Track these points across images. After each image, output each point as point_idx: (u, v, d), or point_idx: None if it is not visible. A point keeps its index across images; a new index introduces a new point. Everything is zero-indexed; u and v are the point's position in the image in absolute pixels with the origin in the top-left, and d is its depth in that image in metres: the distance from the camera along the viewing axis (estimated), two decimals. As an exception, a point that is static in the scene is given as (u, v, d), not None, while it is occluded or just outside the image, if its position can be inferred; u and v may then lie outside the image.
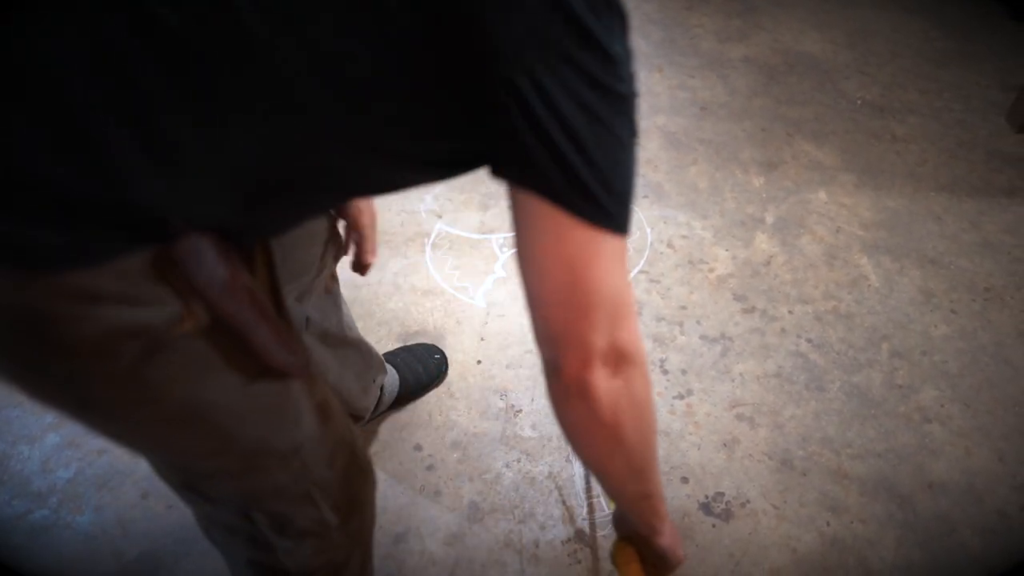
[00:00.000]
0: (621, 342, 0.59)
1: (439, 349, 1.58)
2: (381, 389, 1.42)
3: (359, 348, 1.29)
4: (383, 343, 1.62)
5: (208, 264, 0.52)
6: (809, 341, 1.62)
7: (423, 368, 1.52)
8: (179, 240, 0.51)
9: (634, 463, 0.70)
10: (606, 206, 0.54)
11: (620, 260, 0.58)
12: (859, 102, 2.31)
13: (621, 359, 0.60)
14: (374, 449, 1.45)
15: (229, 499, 0.72)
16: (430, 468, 1.42)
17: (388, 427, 1.48)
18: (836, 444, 1.43)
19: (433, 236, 1.90)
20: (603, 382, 0.60)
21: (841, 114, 2.27)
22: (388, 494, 1.38)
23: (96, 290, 0.49)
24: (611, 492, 0.80)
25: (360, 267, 1.12)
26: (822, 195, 1.98)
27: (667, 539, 0.88)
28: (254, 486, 0.70)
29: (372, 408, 1.40)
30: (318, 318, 1.15)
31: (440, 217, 1.95)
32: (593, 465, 0.73)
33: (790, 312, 1.68)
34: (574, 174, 0.52)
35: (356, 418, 1.40)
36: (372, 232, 1.08)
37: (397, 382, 1.47)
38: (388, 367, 1.46)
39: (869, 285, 1.74)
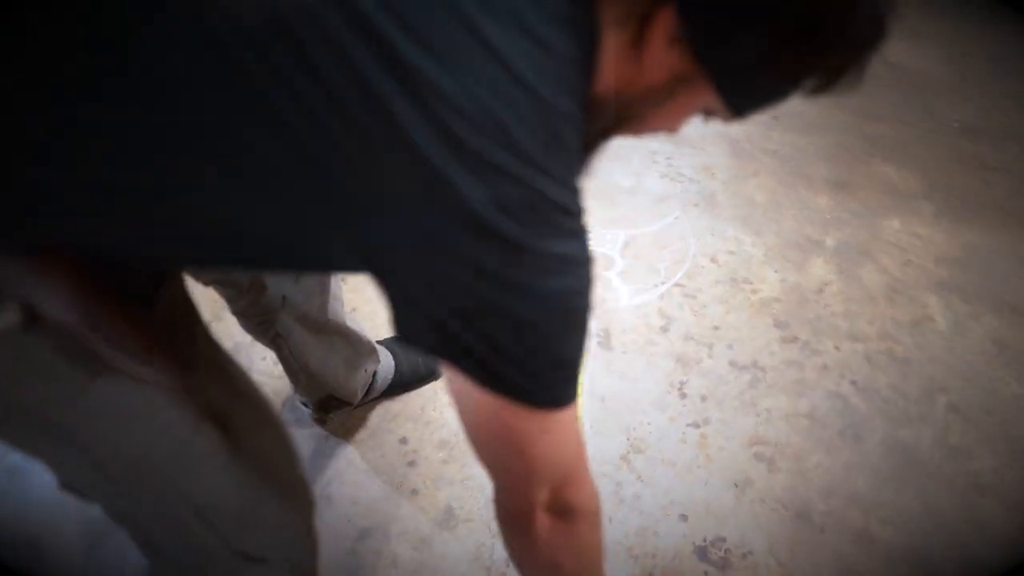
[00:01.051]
0: (566, 498, 0.59)
1: None
2: (374, 375, 1.34)
3: (346, 336, 1.22)
4: (386, 330, 1.54)
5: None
6: (853, 383, 1.44)
7: (421, 360, 1.44)
8: None
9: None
10: (524, 387, 0.51)
11: (562, 430, 0.55)
12: (956, 124, 2.08)
13: (566, 511, 0.59)
14: (358, 436, 1.37)
15: (105, 503, 0.65)
16: (412, 464, 1.33)
17: (377, 415, 1.40)
18: (865, 503, 1.26)
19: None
20: (544, 526, 0.59)
21: (928, 135, 2.04)
22: (363, 485, 1.30)
23: None
24: None
25: None
26: (895, 223, 1.78)
27: None
28: (123, 506, 0.63)
29: (361, 394, 1.33)
30: (299, 300, 1.09)
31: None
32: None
33: (837, 348, 1.50)
34: (476, 357, 0.49)
35: (344, 403, 1.33)
36: None
37: (392, 370, 1.39)
38: (385, 353, 1.39)
39: (934, 328, 1.54)
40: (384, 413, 1.41)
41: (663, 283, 1.64)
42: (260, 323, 1.12)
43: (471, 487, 1.29)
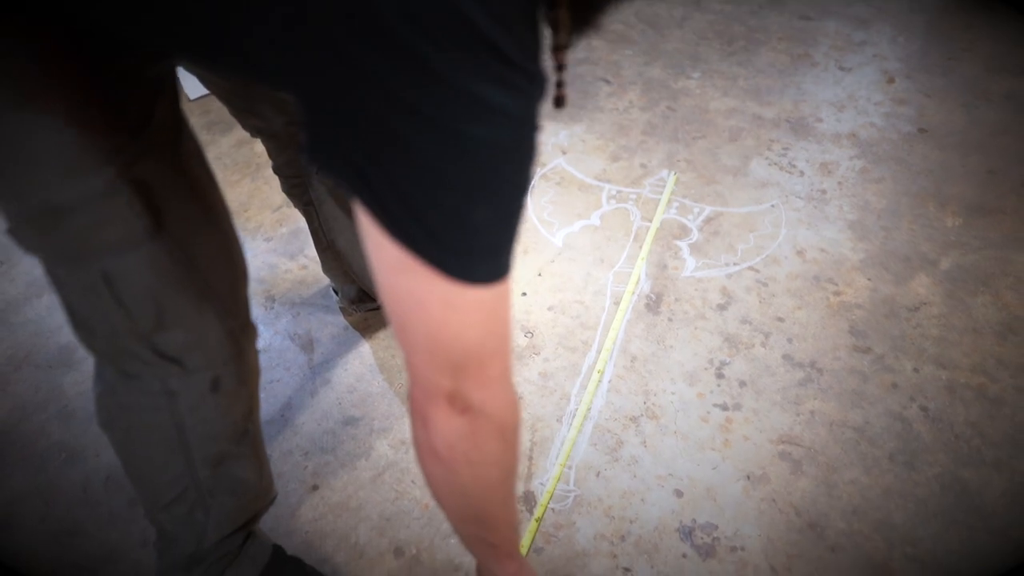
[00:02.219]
0: (466, 392, 0.56)
1: None
2: None
3: None
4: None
5: None
6: (924, 410, 1.24)
7: None
8: None
9: (472, 507, 0.66)
10: (425, 244, 0.47)
11: (470, 311, 0.51)
12: None
13: (468, 406, 0.57)
14: (375, 336, 1.37)
15: (37, 252, 0.66)
16: (417, 371, 1.31)
17: (400, 319, 1.39)
18: (896, 535, 1.08)
19: (548, 167, 1.76)
20: (443, 418, 0.57)
21: (1113, 181, 1.73)
22: (364, 378, 1.29)
23: None
24: (453, 527, 0.72)
25: None
26: (1034, 260, 1.52)
27: None
28: (44, 241, 0.64)
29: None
30: None
31: (564, 154, 1.81)
32: (431, 491, 0.66)
33: (916, 370, 1.31)
34: (381, 199, 0.46)
35: (370, 299, 1.33)
36: None
37: None
38: None
39: (1047, 378, 1.30)
40: (408, 319, 1.39)
41: (736, 264, 1.50)
42: (295, 185, 1.15)
43: (467, 406, 1.25)
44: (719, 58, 2.21)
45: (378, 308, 1.37)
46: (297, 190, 1.16)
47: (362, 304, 1.35)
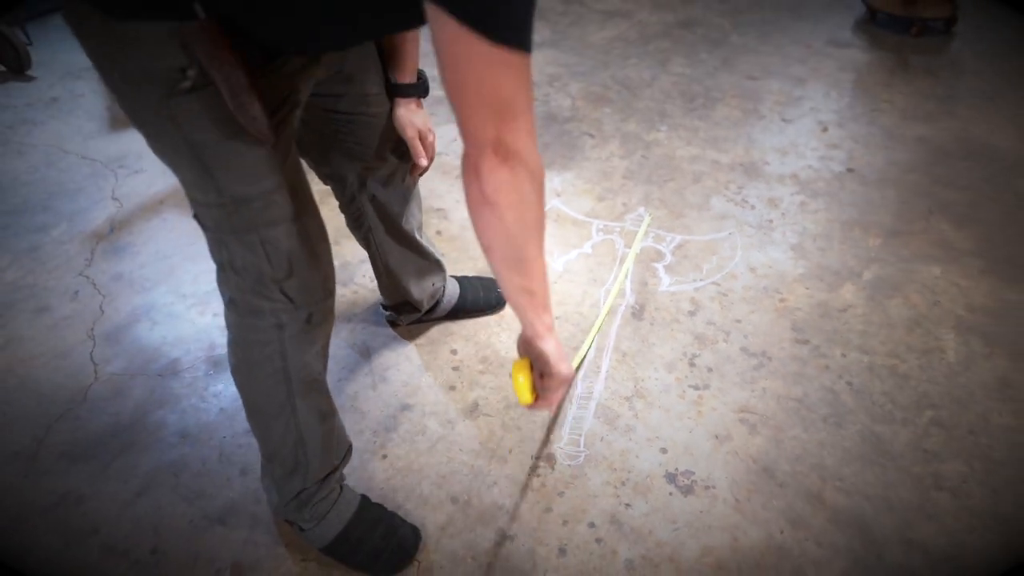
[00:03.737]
0: (507, 139, 0.76)
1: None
2: (441, 295, 1.68)
3: (418, 249, 1.56)
4: (466, 271, 1.89)
5: (208, 43, 0.81)
6: (849, 384, 1.61)
7: (483, 294, 1.77)
8: (198, 22, 0.80)
9: (514, 247, 0.86)
10: (480, 16, 0.69)
11: (507, 70, 0.73)
12: (1029, 201, 2.17)
13: (509, 154, 0.77)
14: (419, 341, 1.71)
15: (211, 228, 0.99)
16: (455, 369, 1.65)
17: (438, 330, 1.74)
18: (827, 473, 1.44)
19: (546, 207, 2.13)
20: (489, 167, 0.78)
21: (1000, 207, 2.15)
22: (414, 375, 1.63)
23: (137, 37, 0.80)
24: (500, 280, 0.93)
25: (413, 169, 1.40)
26: (936, 270, 1.92)
27: (550, 346, 0.98)
28: (222, 221, 0.97)
29: (427, 304, 1.66)
30: (383, 199, 1.43)
31: (559, 196, 2.20)
32: (482, 241, 0.87)
33: (843, 355, 1.68)
34: None
35: (414, 309, 1.67)
36: (417, 143, 1.34)
37: (456, 295, 1.73)
38: (453, 283, 1.73)
39: (943, 358, 1.67)
40: (443, 329, 1.74)
41: (702, 280, 1.88)
42: (356, 218, 1.48)
43: (497, 395, 1.59)
44: (682, 113, 2.63)
45: (422, 319, 1.72)
46: (356, 223, 1.49)
47: (408, 315, 1.69)
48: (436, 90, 1.13)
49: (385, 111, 1.31)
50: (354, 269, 1.92)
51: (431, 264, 1.61)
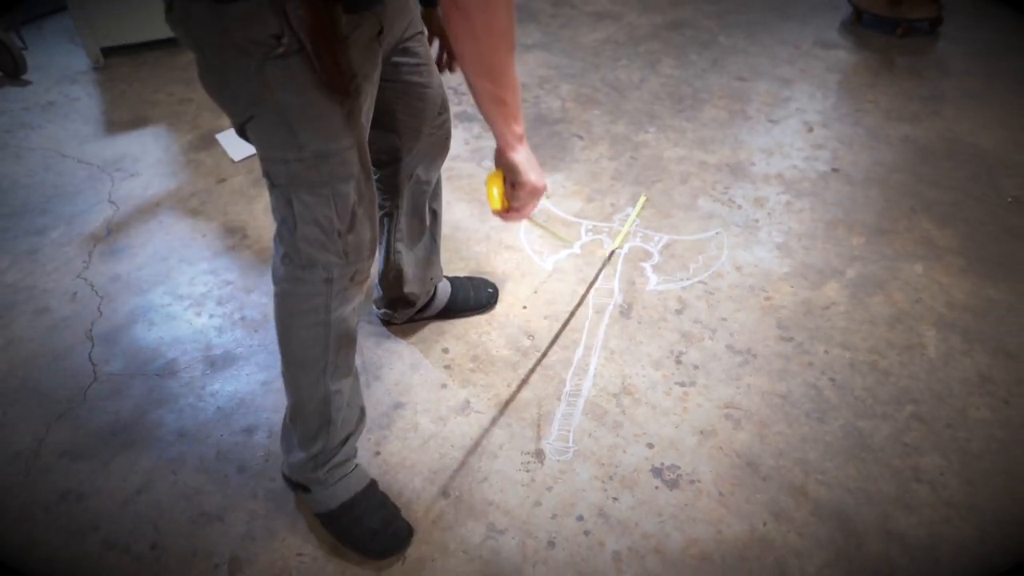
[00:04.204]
0: None
1: (495, 287, 1.85)
2: (435, 290, 1.72)
3: (432, 234, 1.62)
4: (458, 271, 1.93)
5: (301, 9, 0.89)
6: (832, 380, 1.65)
7: (473, 294, 1.80)
8: None
9: (484, 53, 0.97)
10: None
11: None
12: (1010, 199, 2.22)
13: None
14: (411, 340, 1.75)
15: (282, 184, 1.07)
16: (447, 367, 1.69)
17: (430, 329, 1.78)
18: (810, 467, 1.48)
19: (536, 208, 2.18)
20: None
21: (983, 206, 2.19)
22: (406, 373, 1.67)
23: (240, 14, 0.89)
24: (473, 92, 1.03)
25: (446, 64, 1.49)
26: (918, 268, 1.96)
27: (521, 156, 1.09)
28: (299, 175, 1.04)
29: (422, 301, 1.70)
30: (424, 178, 1.49)
31: (549, 197, 2.23)
32: (456, 51, 0.98)
33: (826, 352, 1.72)
34: None
35: (409, 304, 1.70)
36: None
37: (448, 295, 1.77)
38: (445, 283, 1.77)
39: (924, 355, 1.72)
40: (435, 328, 1.78)
41: (689, 279, 1.92)
42: (389, 192, 1.51)
43: (488, 392, 1.63)
44: (671, 115, 2.67)
45: (415, 318, 1.75)
46: (386, 197, 1.52)
47: (403, 312, 1.73)
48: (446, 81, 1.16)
49: (436, 82, 1.38)
50: (348, 270, 1.96)
51: (434, 260, 1.66)
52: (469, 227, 2.11)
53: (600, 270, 1.95)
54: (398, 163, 1.44)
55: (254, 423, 1.56)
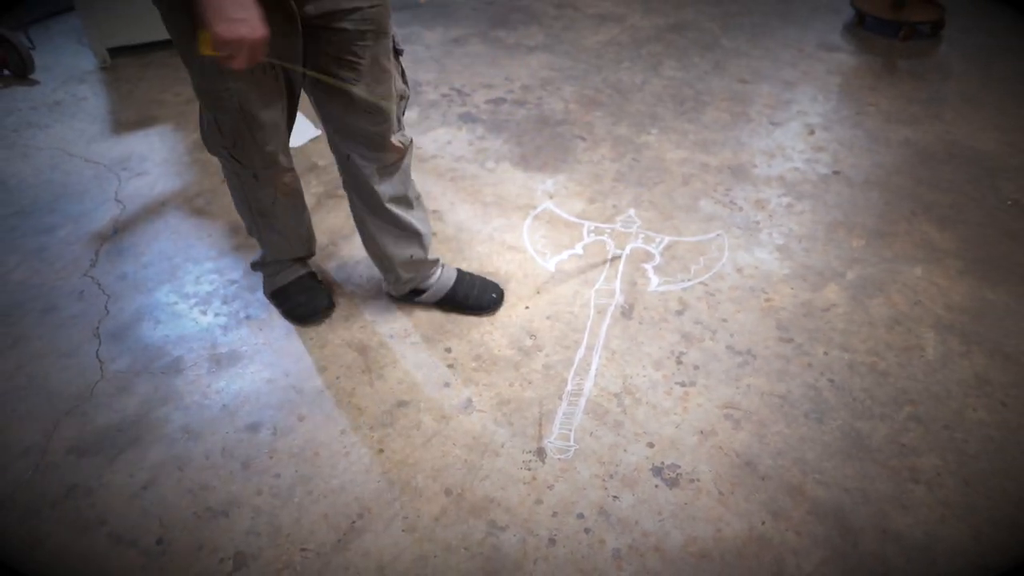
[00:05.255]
0: None
1: (500, 292, 1.87)
2: (437, 276, 1.81)
3: (391, 219, 1.64)
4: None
5: None
6: (831, 381, 1.67)
7: (476, 293, 1.82)
8: None
9: None
10: None
11: None
12: (1009, 202, 2.23)
13: None
14: (414, 339, 1.77)
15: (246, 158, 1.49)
16: (450, 366, 1.70)
17: (432, 328, 1.79)
18: (808, 467, 1.49)
19: (539, 209, 2.20)
20: None
21: (982, 208, 2.21)
22: (409, 372, 1.69)
23: None
24: None
25: None
26: (918, 271, 1.98)
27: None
28: (196, 93, 1.42)
29: (406, 274, 1.76)
30: (358, 164, 1.54)
31: (551, 198, 2.25)
32: None
33: (825, 353, 1.73)
34: None
35: (397, 278, 1.78)
36: None
37: (449, 286, 1.80)
38: (452, 270, 1.83)
39: (922, 356, 1.73)
40: (439, 328, 1.80)
41: (690, 280, 1.94)
42: (343, 179, 1.66)
43: (490, 391, 1.64)
44: (673, 117, 2.69)
45: (414, 296, 1.82)
46: (344, 183, 1.66)
47: (399, 286, 1.80)
48: (429, 94, 1.18)
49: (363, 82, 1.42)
50: (351, 270, 1.98)
51: (408, 234, 1.69)
52: (472, 228, 2.13)
53: (602, 266, 1.97)
54: (338, 145, 1.57)
55: (258, 420, 1.58)
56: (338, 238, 2.10)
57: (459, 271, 1.85)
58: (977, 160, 2.43)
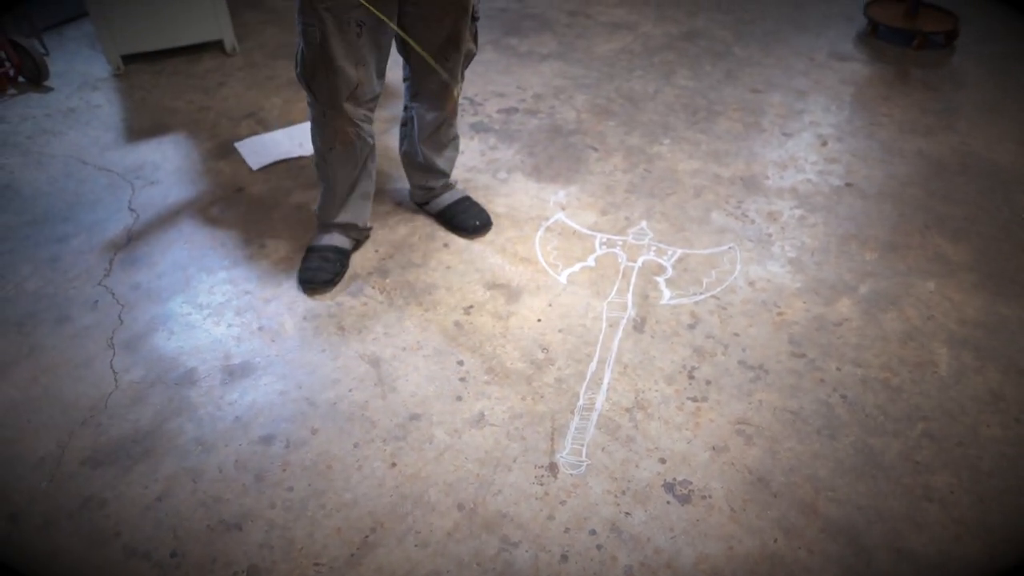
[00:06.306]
0: None
1: (487, 222, 2.17)
2: (444, 189, 2.20)
3: (427, 166, 2.12)
4: (472, 285, 1.95)
5: None
6: (843, 397, 1.66)
7: (461, 216, 2.15)
8: None
9: None
10: None
11: None
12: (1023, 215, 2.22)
13: None
14: (426, 352, 1.77)
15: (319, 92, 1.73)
16: (462, 380, 1.71)
17: (443, 340, 1.80)
18: (821, 484, 1.49)
19: (551, 221, 2.20)
20: None
21: (996, 221, 2.20)
22: (422, 385, 1.69)
23: None
24: None
25: None
26: (931, 284, 1.97)
27: None
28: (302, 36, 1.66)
29: (433, 182, 2.17)
30: (418, 117, 2.01)
31: (563, 209, 2.25)
32: None
33: (838, 369, 1.73)
34: None
35: (414, 164, 2.16)
36: None
37: (450, 203, 2.18)
38: (458, 192, 2.21)
39: (935, 372, 1.72)
40: (450, 340, 1.80)
41: (702, 293, 1.93)
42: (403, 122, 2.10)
43: (502, 405, 1.65)
44: (685, 126, 2.69)
45: (424, 202, 2.21)
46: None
47: (417, 177, 2.17)
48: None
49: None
50: (363, 281, 1.98)
51: (435, 173, 2.14)
52: (484, 239, 2.13)
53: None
54: (407, 97, 2.01)
55: (272, 433, 1.58)
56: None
57: (462, 196, 2.19)
58: (991, 172, 2.42)
